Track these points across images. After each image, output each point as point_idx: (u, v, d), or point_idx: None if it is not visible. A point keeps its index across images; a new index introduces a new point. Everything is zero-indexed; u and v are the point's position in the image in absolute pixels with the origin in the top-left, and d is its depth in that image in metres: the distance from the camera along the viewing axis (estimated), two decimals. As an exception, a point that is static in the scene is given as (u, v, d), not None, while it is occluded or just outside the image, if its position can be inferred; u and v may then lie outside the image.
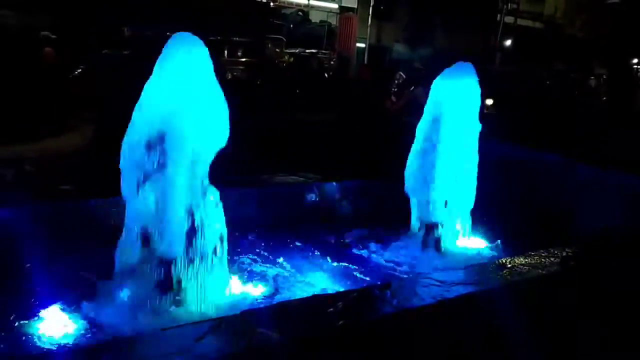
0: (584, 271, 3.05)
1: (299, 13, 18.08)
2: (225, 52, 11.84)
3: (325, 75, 11.10)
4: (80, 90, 5.41)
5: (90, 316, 2.65)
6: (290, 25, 16.96)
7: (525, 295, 2.76)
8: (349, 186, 4.40)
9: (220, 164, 2.73)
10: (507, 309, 2.56)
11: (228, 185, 2.83)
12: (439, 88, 3.81)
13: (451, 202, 3.89)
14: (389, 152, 4.60)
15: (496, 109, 10.08)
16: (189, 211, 2.67)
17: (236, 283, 3.05)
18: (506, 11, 21.73)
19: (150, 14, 10.53)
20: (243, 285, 3.09)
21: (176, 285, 2.71)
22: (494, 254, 3.78)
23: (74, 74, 6.20)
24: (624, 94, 11.97)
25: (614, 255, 3.21)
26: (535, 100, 10.44)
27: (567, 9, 23.10)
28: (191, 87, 2.56)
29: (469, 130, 3.85)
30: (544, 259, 2.95)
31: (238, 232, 3.34)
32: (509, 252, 3.60)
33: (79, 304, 2.70)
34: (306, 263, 3.53)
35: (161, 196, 2.63)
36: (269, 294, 3.06)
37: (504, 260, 2.95)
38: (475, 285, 2.63)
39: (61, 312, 2.67)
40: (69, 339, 2.50)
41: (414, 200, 3.92)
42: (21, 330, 2.53)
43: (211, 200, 2.76)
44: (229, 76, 9.93)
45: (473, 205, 3.92)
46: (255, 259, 3.48)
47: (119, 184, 2.63)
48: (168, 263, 2.68)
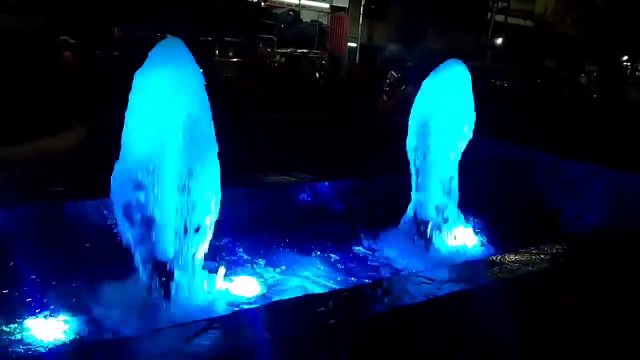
0: (574, 268, 3.07)
1: (290, 13, 17.99)
2: (217, 52, 11.80)
3: (316, 75, 11.09)
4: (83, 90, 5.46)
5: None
6: (282, 25, 16.86)
7: (515, 293, 2.77)
8: (341, 186, 4.40)
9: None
10: (498, 306, 2.58)
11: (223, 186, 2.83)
12: (431, 83, 3.82)
13: (443, 200, 3.91)
14: (381, 151, 4.61)
15: (486, 107, 10.09)
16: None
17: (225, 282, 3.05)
18: (497, 10, 21.83)
19: (141, 14, 10.47)
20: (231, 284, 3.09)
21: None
22: (485, 251, 3.80)
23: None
24: (614, 92, 12.02)
25: (606, 252, 3.24)
26: (526, 97, 10.49)
27: (558, 7, 23.21)
28: (178, 118, 2.57)
29: (460, 127, 3.86)
30: (534, 256, 2.97)
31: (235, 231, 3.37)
32: (499, 249, 3.61)
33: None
34: (298, 260, 3.54)
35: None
36: (260, 293, 3.07)
37: (494, 258, 2.96)
38: (466, 283, 2.64)
39: (53, 315, 2.67)
40: (61, 340, 2.49)
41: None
42: (12, 331, 2.52)
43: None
44: (220, 77, 9.91)
45: (465, 202, 3.93)
46: (245, 257, 3.49)
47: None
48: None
